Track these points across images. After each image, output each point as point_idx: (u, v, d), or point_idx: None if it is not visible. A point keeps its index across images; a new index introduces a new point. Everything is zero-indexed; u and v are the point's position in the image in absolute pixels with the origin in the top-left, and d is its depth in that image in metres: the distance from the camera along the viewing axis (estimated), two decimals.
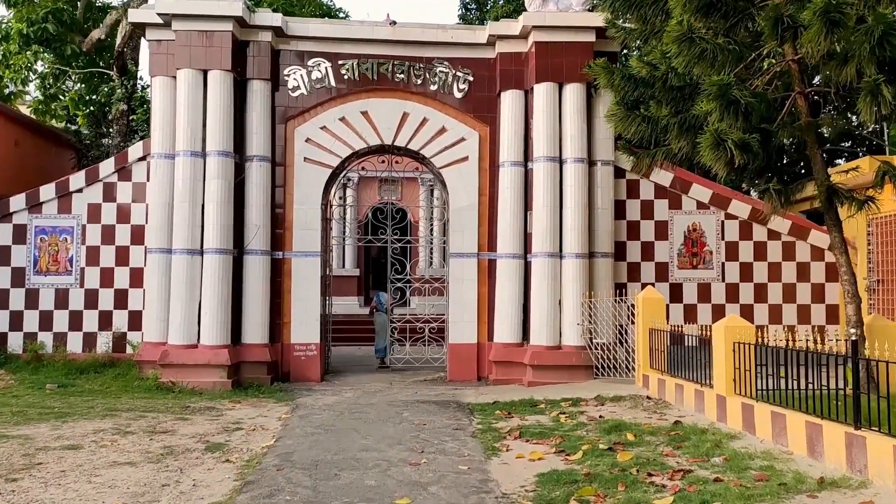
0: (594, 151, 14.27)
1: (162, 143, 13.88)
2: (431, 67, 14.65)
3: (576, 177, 13.87)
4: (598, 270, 14.13)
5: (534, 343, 13.87)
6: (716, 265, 14.94)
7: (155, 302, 13.80)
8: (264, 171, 14.18)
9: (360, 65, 14.57)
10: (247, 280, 13.98)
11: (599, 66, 10.72)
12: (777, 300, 14.86)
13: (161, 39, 14.02)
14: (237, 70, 13.93)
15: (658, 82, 9.59)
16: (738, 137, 8.25)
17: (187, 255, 13.43)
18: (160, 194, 13.83)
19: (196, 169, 13.55)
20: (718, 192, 15.06)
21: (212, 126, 13.59)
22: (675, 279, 14.92)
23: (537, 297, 13.86)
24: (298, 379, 14.27)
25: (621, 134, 10.87)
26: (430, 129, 14.66)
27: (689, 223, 14.97)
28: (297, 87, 14.58)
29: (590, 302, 13.63)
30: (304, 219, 14.47)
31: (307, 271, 14.44)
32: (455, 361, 14.58)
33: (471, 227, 14.63)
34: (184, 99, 13.55)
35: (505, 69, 14.46)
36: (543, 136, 13.95)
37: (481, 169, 14.70)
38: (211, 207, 13.52)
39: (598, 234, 14.18)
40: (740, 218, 14.97)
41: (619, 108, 10.18)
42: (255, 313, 13.95)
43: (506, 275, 14.27)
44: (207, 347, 13.36)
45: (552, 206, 13.86)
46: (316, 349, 14.39)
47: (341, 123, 14.60)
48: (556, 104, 14.02)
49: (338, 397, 12.76)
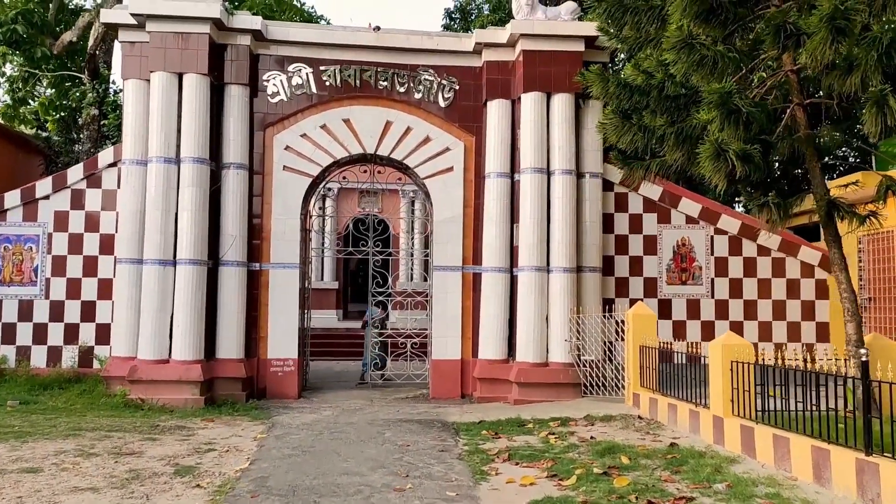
0: (582, 163, 13.93)
1: (134, 149, 13.31)
2: (416, 75, 14.24)
3: (564, 189, 13.51)
4: (586, 285, 13.75)
5: (520, 360, 13.43)
6: (705, 281, 14.62)
7: (124, 315, 13.17)
8: (241, 179, 13.66)
9: (342, 71, 14.13)
10: (222, 292, 13.42)
11: (594, 72, 10.36)
12: (767, 317, 14.57)
13: (134, 41, 13.50)
14: (214, 74, 13.42)
15: (654, 91, 9.25)
16: (739, 148, 7.91)
17: (159, 266, 12.85)
18: (131, 202, 13.25)
19: (169, 176, 12.99)
20: (708, 207, 14.77)
21: (187, 131, 13.06)
22: (664, 295, 14.58)
23: (524, 313, 13.44)
24: (275, 395, 13.71)
25: (614, 144, 10.46)
26: (415, 139, 14.25)
27: (678, 238, 14.66)
28: (277, 93, 14.10)
29: (578, 318, 13.23)
30: (282, 229, 13.95)
31: (285, 284, 13.91)
32: (438, 378, 14.09)
33: (455, 239, 14.20)
34: (157, 103, 13.01)
35: (491, 78, 14.09)
36: (531, 147, 13.58)
37: (466, 180, 14.30)
38: (185, 216, 12.96)
39: (585, 248, 13.82)
40: (730, 233, 14.68)
41: (613, 116, 9.82)
42: (230, 327, 13.38)
43: (491, 289, 13.84)
44: (179, 363, 12.76)
45: (539, 219, 13.47)
46: (293, 365, 13.84)
47: (322, 131, 14.14)
48: (544, 114, 13.66)
49: (316, 415, 12.22)
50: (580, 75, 11.70)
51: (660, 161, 10.06)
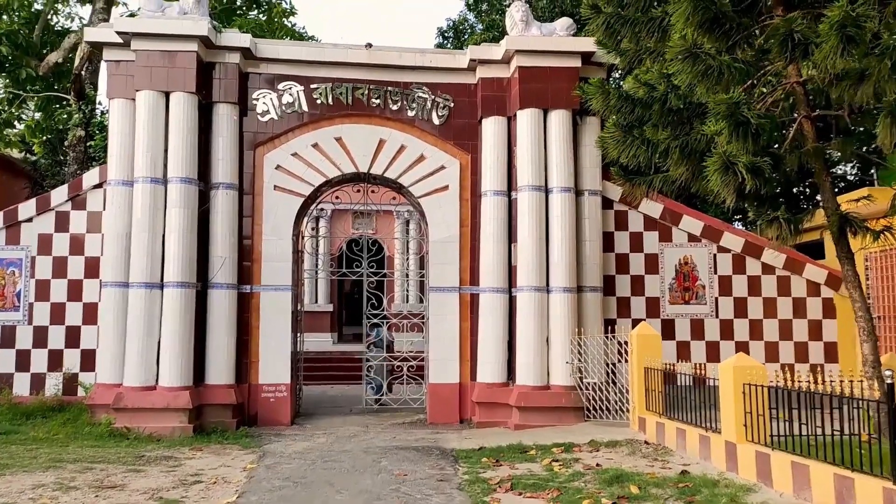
0: (581, 181, 13.60)
1: (119, 170, 12.91)
2: (409, 92, 13.94)
3: (563, 207, 13.16)
4: (587, 306, 13.37)
5: (520, 383, 13.00)
6: (709, 300, 14.25)
7: (110, 340, 12.71)
8: (231, 199, 13.27)
9: (333, 89, 13.82)
10: (211, 316, 12.98)
11: (594, 84, 10.04)
12: (773, 337, 14.17)
13: (120, 60, 13.15)
14: (202, 93, 13.08)
15: (656, 103, 8.92)
16: (748, 161, 7.58)
17: (146, 290, 12.42)
18: (117, 224, 12.84)
19: (156, 197, 12.60)
20: (710, 225, 14.43)
21: (174, 151, 12.69)
22: (667, 315, 14.19)
23: (523, 334, 13.04)
24: (267, 422, 13.23)
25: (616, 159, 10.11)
26: (408, 157, 13.91)
27: (680, 256, 14.30)
28: (267, 112, 13.76)
29: (579, 339, 12.82)
30: (273, 251, 13.55)
31: (277, 306, 13.48)
32: (436, 403, 13.64)
33: (452, 259, 13.82)
34: (144, 122, 12.65)
35: (487, 95, 13.79)
36: (528, 165, 13.25)
37: (462, 199, 13.94)
38: (172, 238, 12.55)
39: (586, 268, 13.45)
40: (733, 251, 14.33)
41: (615, 130, 9.48)
42: (220, 352, 12.93)
43: (489, 310, 13.44)
44: (166, 389, 12.29)
45: (538, 238, 13.11)
46: (286, 390, 13.38)
47: (314, 150, 13.79)
48: (541, 131, 13.35)
49: (309, 443, 11.77)
50: (579, 89, 11.39)
51: (663, 176, 9.73)
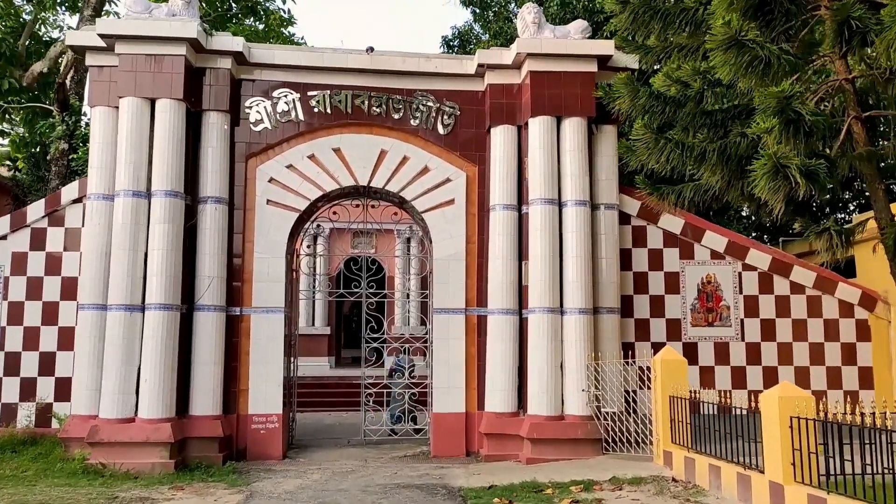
0: (596, 194, 12.65)
1: (100, 183, 11.97)
2: (412, 100, 13.04)
3: (578, 221, 12.20)
4: (604, 328, 12.37)
5: (532, 413, 11.97)
6: (734, 322, 13.24)
7: (86, 367, 11.69)
8: (220, 214, 12.31)
9: (331, 97, 12.92)
10: (197, 341, 11.97)
11: (621, 81, 9.11)
12: (803, 362, 13.15)
13: (103, 65, 12.25)
14: (191, 100, 12.17)
15: (690, 102, 8.01)
16: (801, 163, 6.64)
17: (125, 312, 11.42)
18: (96, 241, 11.87)
19: (138, 211, 11.64)
20: (735, 241, 13.44)
21: (159, 162, 11.76)
22: (689, 338, 13.17)
23: (535, 359, 12.02)
24: (257, 456, 12.17)
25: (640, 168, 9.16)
26: (411, 169, 12.97)
27: (702, 275, 13.31)
28: (261, 121, 12.85)
29: (596, 364, 11.80)
30: (266, 270, 12.57)
31: (269, 330, 12.48)
32: (440, 434, 12.58)
33: (457, 278, 12.83)
34: (126, 130, 11.72)
35: (495, 102, 12.88)
36: (540, 176, 12.31)
37: (469, 213, 12.99)
38: (155, 256, 11.58)
39: (602, 287, 12.47)
40: (759, 269, 13.34)
41: (645, 131, 8.53)
42: (206, 380, 11.90)
43: (498, 333, 12.43)
44: (146, 422, 11.25)
45: (551, 255, 12.14)
46: (278, 421, 12.33)
47: (310, 162, 12.86)
48: (554, 140, 12.43)
49: (302, 480, 10.73)
50: (602, 89, 10.45)
51: (694, 185, 8.78)
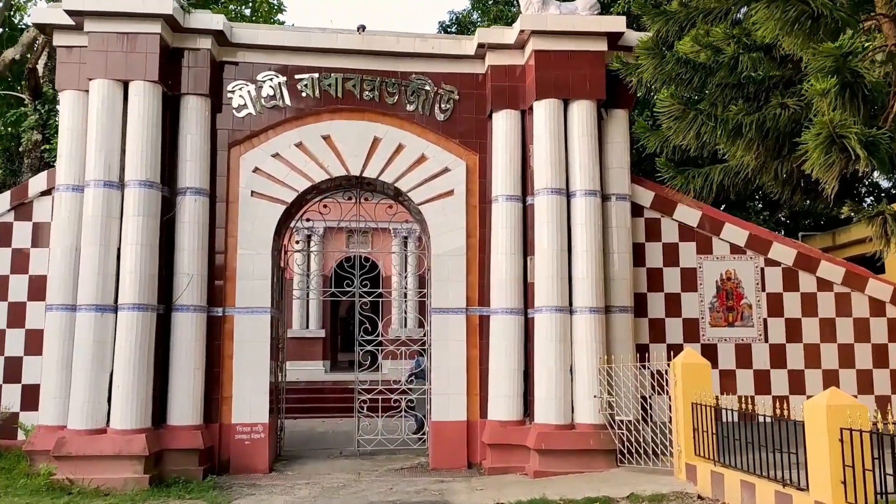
0: (607, 183, 11.73)
1: (69, 173, 11.02)
2: (408, 84, 12.09)
3: (588, 213, 11.26)
4: (616, 329, 11.43)
5: (539, 421, 11.01)
6: (756, 322, 12.28)
7: (54, 374, 10.73)
8: (200, 207, 11.36)
9: (320, 80, 11.98)
10: (175, 344, 11.01)
11: (644, 45, 8.14)
12: (832, 364, 12.18)
13: (72, 46, 11.29)
14: (167, 83, 11.22)
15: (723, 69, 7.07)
16: (861, 133, 5.69)
17: (96, 313, 10.47)
18: (65, 236, 10.92)
19: (110, 203, 10.69)
20: (756, 234, 12.48)
21: (132, 150, 10.81)
22: (708, 339, 12.21)
23: (542, 363, 11.07)
24: (241, 469, 11.22)
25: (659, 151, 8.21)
26: (407, 158, 12.03)
27: (721, 271, 12.35)
28: (244, 107, 11.90)
29: (608, 368, 10.85)
30: (250, 267, 11.62)
31: (254, 332, 11.52)
32: (440, 444, 11.62)
33: (457, 276, 11.89)
34: (97, 114, 10.78)
35: (497, 85, 11.94)
36: (546, 164, 11.37)
37: (469, 205, 12.04)
38: (129, 252, 10.63)
39: (614, 284, 11.53)
40: (783, 264, 12.38)
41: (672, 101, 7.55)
42: (185, 386, 10.94)
43: (502, 335, 11.48)
44: (118, 433, 10.29)
45: (559, 249, 11.19)
46: (263, 431, 11.38)
47: (298, 150, 11.91)
48: (561, 125, 11.49)
49: (289, 497, 9.80)
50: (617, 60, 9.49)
51: (723, 168, 7.83)
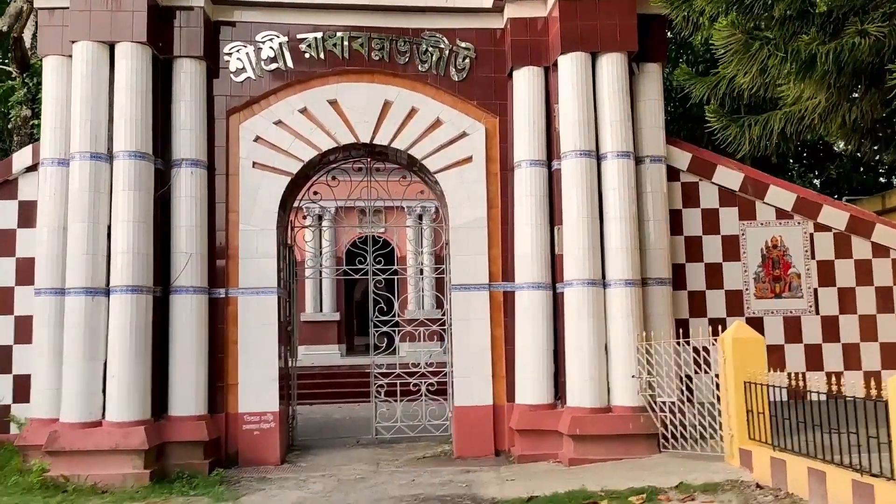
0: (640, 145, 10.72)
1: (54, 145, 10.17)
2: (420, 42, 11.12)
3: (620, 176, 10.27)
4: (654, 303, 10.47)
5: (572, 404, 10.09)
6: (805, 292, 11.27)
7: (45, 363, 9.93)
8: (198, 180, 10.47)
9: (325, 40, 11.02)
10: (175, 329, 10.17)
11: None
12: (890, 337, 11.11)
13: (55, 7, 10.39)
14: (157, 45, 10.29)
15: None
16: None
17: (86, 297, 9.62)
18: (52, 214, 10.08)
19: (98, 177, 9.81)
20: (805, 197, 11.42)
21: (121, 118, 9.91)
22: (753, 312, 11.21)
23: (574, 341, 10.13)
24: (250, 461, 10.41)
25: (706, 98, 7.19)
26: (421, 123, 11.08)
27: (767, 238, 11.33)
28: (242, 70, 10.96)
29: (647, 345, 9.90)
30: (253, 244, 10.74)
31: (260, 314, 10.67)
32: (463, 430, 10.75)
33: (478, 249, 10.96)
34: (80, 80, 9.87)
35: (518, 40, 10.93)
36: (574, 124, 10.37)
37: (490, 172, 11.09)
38: (120, 229, 9.75)
39: (650, 255, 10.55)
40: (835, 229, 11.33)
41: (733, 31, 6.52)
42: (187, 374, 10.11)
43: (528, 312, 10.56)
44: (115, 426, 9.47)
45: (590, 217, 10.22)
46: (273, 420, 10.55)
47: (302, 117, 10.98)
48: (590, 81, 10.48)
49: (301, 492, 8.96)
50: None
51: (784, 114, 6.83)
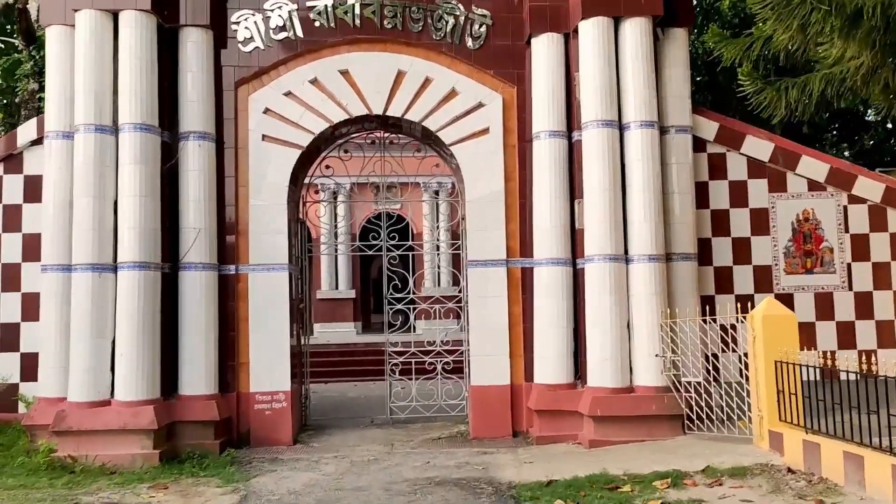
0: (665, 114, 10.25)
1: (58, 118, 9.86)
2: (434, 9, 10.68)
3: (644, 147, 9.82)
4: (678, 279, 10.06)
5: (593, 384, 9.74)
6: (838, 268, 10.80)
7: (53, 341, 9.71)
8: (206, 153, 10.15)
9: (335, 7, 10.61)
10: (184, 306, 9.92)
11: None
12: None
13: None
14: (163, 13, 9.93)
15: None
16: None
17: (93, 273, 9.36)
18: (57, 189, 9.80)
19: (104, 150, 9.51)
20: (838, 167, 10.92)
21: (126, 89, 9.58)
22: (783, 288, 10.77)
23: (596, 319, 9.75)
24: (262, 442, 10.18)
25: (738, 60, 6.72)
26: (435, 93, 10.68)
27: (798, 210, 10.85)
28: (251, 40, 10.60)
29: (671, 323, 9.51)
30: (264, 219, 10.44)
31: (271, 291, 10.39)
32: (480, 411, 10.45)
33: (495, 224, 10.59)
34: (84, 50, 9.55)
35: (536, 6, 10.43)
36: (596, 93, 9.92)
37: (507, 144, 10.68)
38: (127, 204, 9.47)
39: (675, 229, 10.12)
40: (870, 201, 10.82)
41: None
42: (197, 352, 9.86)
43: (547, 288, 10.19)
44: (123, 405, 9.25)
45: (612, 190, 9.79)
46: (286, 399, 10.30)
47: (313, 87, 10.61)
48: (612, 47, 10.00)
49: (313, 474, 8.69)
50: None
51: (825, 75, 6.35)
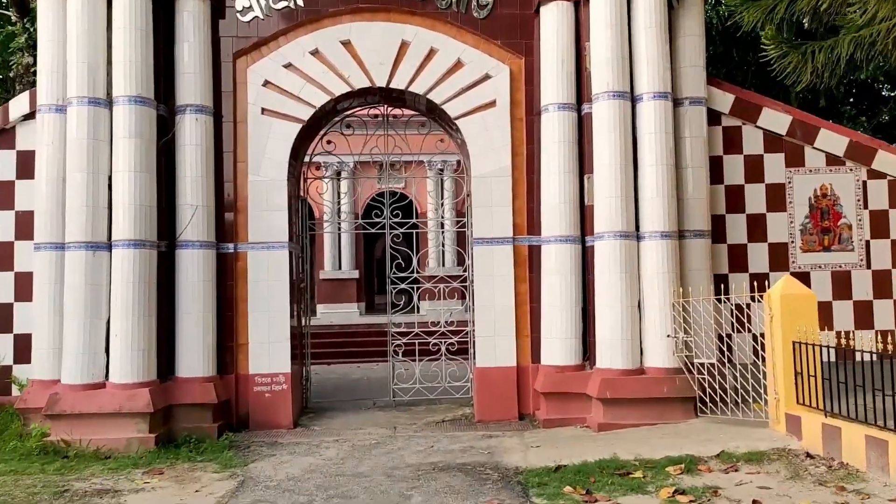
0: (679, 86, 9.86)
1: (51, 91, 9.52)
2: None
3: (657, 119, 9.45)
4: (691, 256, 9.72)
5: (602, 366, 9.44)
6: (857, 245, 10.45)
7: (46, 322, 9.43)
8: (203, 127, 9.81)
9: None
10: (181, 285, 9.63)
11: None
12: None
13: None
14: None
15: None
16: None
17: (86, 251, 9.06)
18: (50, 164, 9.47)
19: (97, 124, 9.17)
20: (858, 141, 10.54)
21: (120, 60, 9.22)
22: (799, 267, 10.43)
23: (605, 298, 9.44)
24: (261, 425, 9.93)
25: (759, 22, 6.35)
26: (441, 64, 10.31)
27: (816, 186, 10.49)
28: (249, 9, 10.24)
29: (683, 303, 9.18)
30: (263, 196, 10.13)
31: (271, 270, 10.09)
32: (486, 393, 10.17)
33: (502, 200, 10.25)
34: (76, 19, 9.18)
35: None
36: (606, 63, 9.53)
37: (515, 117, 10.32)
38: (121, 179, 9.14)
39: (688, 205, 9.77)
40: (890, 176, 10.44)
41: None
42: (194, 333, 9.58)
43: (555, 266, 9.86)
44: (118, 387, 8.98)
45: (623, 164, 9.44)
46: (286, 381, 10.03)
47: (314, 59, 10.25)
48: (624, 15, 9.61)
49: (312, 459, 8.43)
50: None
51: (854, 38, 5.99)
